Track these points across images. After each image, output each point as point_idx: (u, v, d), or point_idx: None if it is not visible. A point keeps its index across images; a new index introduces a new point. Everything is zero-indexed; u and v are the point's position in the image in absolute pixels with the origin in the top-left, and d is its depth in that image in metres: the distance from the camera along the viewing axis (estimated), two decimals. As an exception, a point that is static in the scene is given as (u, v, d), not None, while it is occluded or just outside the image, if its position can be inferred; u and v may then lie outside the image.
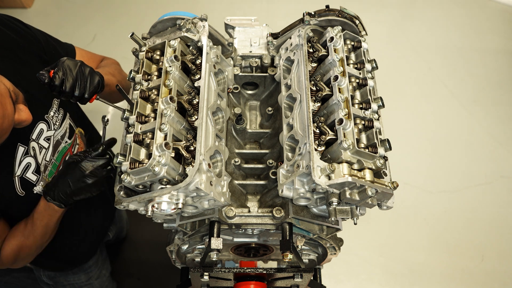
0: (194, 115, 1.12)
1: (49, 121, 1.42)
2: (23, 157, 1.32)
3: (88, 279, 1.91)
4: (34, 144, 1.36)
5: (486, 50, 3.55)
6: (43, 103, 1.40)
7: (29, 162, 1.34)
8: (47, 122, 1.41)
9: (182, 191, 1.00)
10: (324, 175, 1.00)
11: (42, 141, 1.39)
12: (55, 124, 1.44)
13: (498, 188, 2.89)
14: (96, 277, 1.94)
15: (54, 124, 1.43)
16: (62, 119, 1.47)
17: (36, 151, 1.37)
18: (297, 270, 1.35)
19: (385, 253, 2.64)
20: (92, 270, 1.90)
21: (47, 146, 1.41)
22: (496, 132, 3.12)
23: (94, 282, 1.95)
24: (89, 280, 1.91)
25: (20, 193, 1.33)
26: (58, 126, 1.46)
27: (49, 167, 1.43)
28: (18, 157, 1.31)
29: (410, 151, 3.01)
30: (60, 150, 1.48)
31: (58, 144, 1.47)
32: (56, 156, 1.46)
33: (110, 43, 3.48)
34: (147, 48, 1.26)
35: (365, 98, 1.16)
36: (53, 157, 1.44)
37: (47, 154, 1.42)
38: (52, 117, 1.43)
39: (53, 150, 1.44)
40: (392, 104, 2.48)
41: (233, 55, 1.39)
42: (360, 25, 1.29)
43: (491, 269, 2.60)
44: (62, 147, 1.48)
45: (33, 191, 1.37)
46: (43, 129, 1.39)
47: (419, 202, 2.82)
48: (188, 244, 1.37)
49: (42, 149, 1.40)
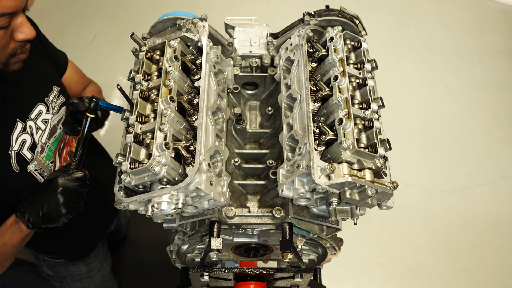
0: (194, 115, 1.12)
1: (48, 104, 1.44)
2: (20, 133, 1.34)
3: (89, 271, 1.90)
4: (31, 123, 1.38)
5: (486, 50, 3.55)
6: (44, 86, 1.44)
7: (24, 139, 1.35)
8: (46, 104, 1.43)
9: (182, 191, 1.00)
10: (324, 175, 1.00)
11: (39, 122, 1.41)
12: (54, 108, 1.47)
13: (498, 188, 2.89)
14: (97, 269, 1.94)
15: (53, 108, 1.46)
16: (60, 105, 1.50)
17: (33, 130, 1.39)
18: (297, 270, 1.35)
19: (385, 253, 2.64)
20: (92, 262, 1.90)
21: (43, 128, 1.43)
22: (496, 132, 3.12)
23: (95, 274, 1.94)
24: (89, 272, 1.90)
25: (15, 169, 1.33)
26: (56, 111, 1.48)
27: (46, 150, 1.44)
28: (16, 132, 1.33)
29: (410, 151, 3.01)
30: (56, 136, 1.50)
31: (54, 129, 1.48)
32: (52, 142, 1.48)
33: (110, 43, 3.49)
34: (147, 48, 1.26)
35: (365, 98, 1.16)
36: (48, 140, 1.46)
37: (43, 136, 1.43)
38: (51, 101, 1.46)
39: (49, 134, 1.46)
40: (392, 104, 2.48)
41: (233, 55, 1.39)
42: (360, 25, 1.29)
43: (491, 269, 2.60)
44: (58, 134, 1.51)
45: (26, 169, 1.36)
46: (42, 111, 1.42)
47: (419, 202, 2.82)
48: (188, 244, 1.37)
49: (39, 130, 1.41)
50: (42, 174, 1.43)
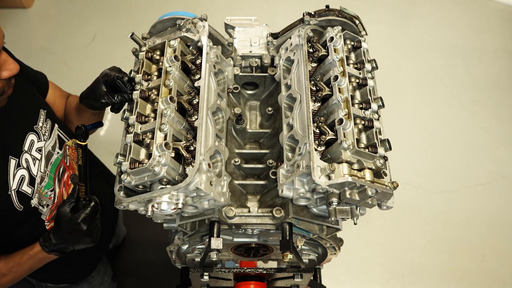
0: (194, 115, 1.12)
1: (38, 132, 1.39)
2: (15, 170, 1.28)
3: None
4: (27, 155, 1.33)
5: (486, 50, 3.55)
6: (31, 114, 1.38)
7: (22, 175, 1.30)
8: (36, 132, 1.38)
9: (182, 191, 1.00)
10: (324, 175, 1.00)
11: (34, 152, 1.36)
12: (45, 134, 1.41)
13: (498, 188, 2.89)
14: (98, 284, 1.94)
15: (43, 134, 1.40)
16: (50, 130, 1.45)
17: (30, 162, 1.34)
18: (297, 270, 1.35)
19: (385, 253, 2.64)
20: (94, 280, 1.90)
21: (39, 157, 1.38)
22: (496, 132, 3.12)
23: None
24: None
25: (18, 207, 1.29)
26: (47, 136, 1.43)
27: (46, 179, 1.39)
28: (11, 170, 1.27)
29: (410, 151, 3.01)
30: (53, 162, 1.44)
31: (50, 155, 1.43)
32: (50, 168, 1.42)
33: (110, 43, 3.49)
34: (147, 48, 1.26)
35: (365, 98, 1.16)
36: (47, 168, 1.41)
37: (41, 165, 1.38)
38: (41, 128, 1.40)
39: (46, 162, 1.41)
40: (392, 104, 2.48)
41: (233, 55, 1.39)
42: (360, 25, 1.29)
43: (491, 269, 2.60)
44: (55, 159, 1.45)
45: (30, 205, 1.33)
46: (34, 140, 1.36)
47: (419, 202, 2.82)
48: (188, 244, 1.37)
49: (36, 161, 1.36)
50: (41, 204, 1.39)
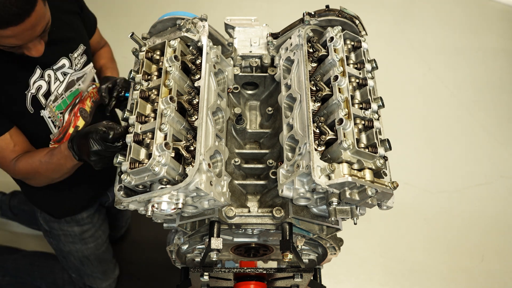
0: (194, 115, 1.12)
1: (71, 60, 1.53)
2: (38, 79, 1.43)
3: (82, 233, 1.89)
4: (51, 72, 1.47)
5: (486, 50, 3.55)
6: (71, 43, 1.54)
7: (40, 85, 1.45)
8: (69, 60, 1.52)
9: (182, 191, 1.00)
10: (324, 175, 1.00)
11: (59, 74, 1.50)
12: (77, 65, 1.56)
13: (498, 188, 2.89)
14: (90, 234, 1.92)
15: (75, 64, 1.55)
16: (84, 64, 1.59)
17: (51, 79, 1.48)
18: (297, 270, 1.35)
19: (385, 253, 2.64)
20: (85, 224, 1.88)
21: (62, 79, 1.51)
22: (496, 132, 3.12)
23: (88, 239, 1.92)
24: (82, 235, 1.89)
25: (30, 110, 1.43)
26: (79, 68, 1.57)
27: (59, 101, 1.52)
28: (34, 78, 1.42)
29: (410, 151, 3.01)
30: (73, 91, 1.57)
31: (72, 83, 1.56)
32: (68, 95, 1.55)
33: (110, 43, 3.48)
34: (147, 48, 1.26)
35: (365, 98, 1.16)
36: (65, 93, 1.54)
37: (60, 87, 1.51)
38: (75, 58, 1.55)
39: (66, 87, 1.54)
40: (392, 104, 2.48)
41: (233, 55, 1.39)
42: (360, 25, 1.29)
43: (491, 269, 2.60)
44: (75, 89, 1.58)
45: (39, 113, 1.46)
46: (65, 65, 1.51)
47: (419, 202, 2.82)
48: (188, 244, 1.37)
49: (57, 81, 1.50)
50: (54, 123, 1.52)
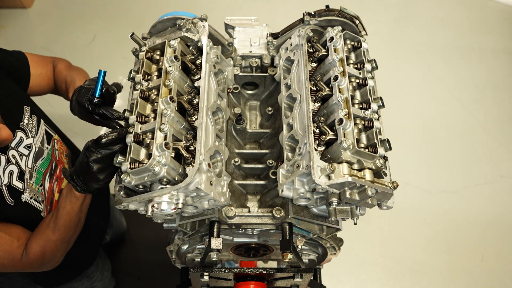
0: (194, 115, 1.12)
1: (25, 129, 1.40)
2: (6, 165, 1.31)
3: (92, 283, 1.91)
4: (14, 152, 1.35)
5: (486, 50, 3.55)
6: (15, 111, 1.39)
7: (11, 170, 1.33)
8: (23, 130, 1.39)
9: (182, 191, 1.00)
10: (324, 175, 1.00)
11: (21, 149, 1.38)
12: (31, 131, 1.42)
13: (498, 188, 2.89)
14: (99, 279, 1.95)
15: (30, 131, 1.42)
16: (37, 126, 1.46)
17: (17, 158, 1.35)
18: (297, 270, 1.35)
19: (385, 253, 2.64)
20: (94, 275, 1.90)
21: (27, 153, 1.39)
22: (496, 132, 3.12)
23: (97, 284, 1.95)
24: (92, 284, 1.91)
25: (10, 202, 1.31)
26: (35, 133, 1.44)
27: (34, 174, 1.41)
28: (2, 166, 1.30)
29: (410, 151, 3.01)
30: (45, 157, 1.46)
31: (41, 151, 1.45)
32: (40, 164, 1.44)
33: (110, 43, 3.48)
34: (147, 48, 1.26)
35: (365, 98, 1.16)
36: (35, 164, 1.42)
37: (28, 161, 1.39)
38: (27, 125, 1.42)
39: (35, 157, 1.42)
40: (392, 104, 2.48)
41: (233, 55, 1.39)
42: (360, 25, 1.29)
43: (491, 269, 2.60)
44: (47, 154, 1.47)
45: (21, 199, 1.35)
46: (23, 138, 1.38)
47: (419, 202, 2.82)
48: (188, 244, 1.37)
49: (23, 156, 1.37)
50: (37, 200, 1.41)
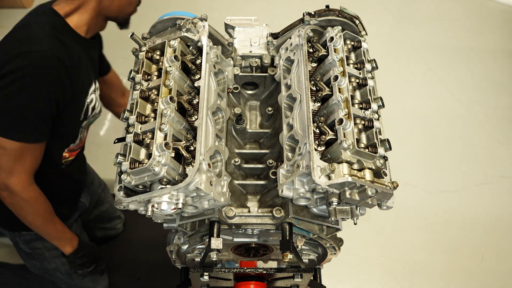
0: (194, 115, 1.12)
1: (95, 86, 1.71)
2: (92, 91, 1.63)
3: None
4: (93, 95, 1.67)
5: (486, 50, 3.55)
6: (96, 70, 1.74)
7: (92, 98, 1.65)
8: (95, 84, 1.70)
9: (182, 191, 1.00)
10: (324, 175, 1.00)
11: (97, 93, 1.70)
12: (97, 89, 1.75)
13: (498, 188, 2.89)
14: None
15: (97, 88, 1.74)
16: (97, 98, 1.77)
17: (96, 95, 1.69)
18: (297, 270, 1.35)
19: (385, 253, 2.64)
20: None
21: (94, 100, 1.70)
22: (496, 132, 3.12)
23: None
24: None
25: (81, 117, 1.58)
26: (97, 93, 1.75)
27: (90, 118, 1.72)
28: (91, 89, 1.61)
29: (410, 151, 3.01)
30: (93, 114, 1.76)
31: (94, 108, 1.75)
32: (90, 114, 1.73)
33: (110, 43, 3.48)
34: (147, 48, 1.26)
35: (365, 98, 1.16)
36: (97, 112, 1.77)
37: (97, 106, 1.72)
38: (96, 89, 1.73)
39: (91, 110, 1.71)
40: (392, 104, 2.48)
41: (233, 55, 1.39)
42: (360, 25, 1.29)
43: (491, 269, 2.60)
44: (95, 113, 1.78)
45: (82, 123, 1.62)
46: (96, 88, 1.71)
47: (419, 202, 2.82)
48: (188, 244, 1.37)
49: (96, 100, 1.72)
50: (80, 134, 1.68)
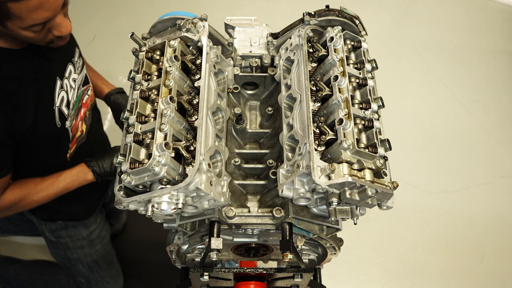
0: (194, 115, 1.12)
1: (74, 64, 1.56)
2: (59, 90, 1.46)
3: (89, 235, 1.90)
4: (66, 81, 1.50)
5: (486, 50, 3.55)
6: (70, 49, 1.55)
7: (63, 96, 1.48)
8: (73, 65, 1.55)
9: (182, 191, 1.00)
10: (324, 175, 1.00)
11: (71, 81, 1.53)
12: (78, 68, 1.58)
13: (498, 188, 2.89)
14: (97, 235, 1.93)
15: (77, 68, 1.58)
16: (81, 67, 1.62)
17: (68, 88, 1.51)
18: (297, 270, 1.35)
19: (385, 253, 2.64)
20: (91, 225, 1.89)
21: (74, 86, 1.55)
22: (496, 132, 3.12)
23: (95, 240, 1.93)
24: (90, 236, 1.90)
25: (58, 124, 1.45)
26: (79, 71, 1.59)
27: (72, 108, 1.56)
28: (57, 89, 1.44)
29: (410, 151, 3.01)
30: (78, 95, 1.60)
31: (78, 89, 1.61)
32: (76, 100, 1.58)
33: (110, 43, 3.48)
34: (147, 48, 1.26)
35: (365, 98, 1.16)
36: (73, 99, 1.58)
37: (74, 94, 1.55)
38: (76, 62, 1.58)
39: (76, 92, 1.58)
40: (392, 104, 2.48)
41: (233, 55, 1.39)
42: (360, 25, 1.29)
43: (491, 269, 2.60)
44: (79, 93, 1.62)
45: (65, 125, 1.49)
46: (72, 71, 1.54)
47: (419, 202, 2.82)
48: (188, 244, 1.37)
49: (71, 89, 1.54)
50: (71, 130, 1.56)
